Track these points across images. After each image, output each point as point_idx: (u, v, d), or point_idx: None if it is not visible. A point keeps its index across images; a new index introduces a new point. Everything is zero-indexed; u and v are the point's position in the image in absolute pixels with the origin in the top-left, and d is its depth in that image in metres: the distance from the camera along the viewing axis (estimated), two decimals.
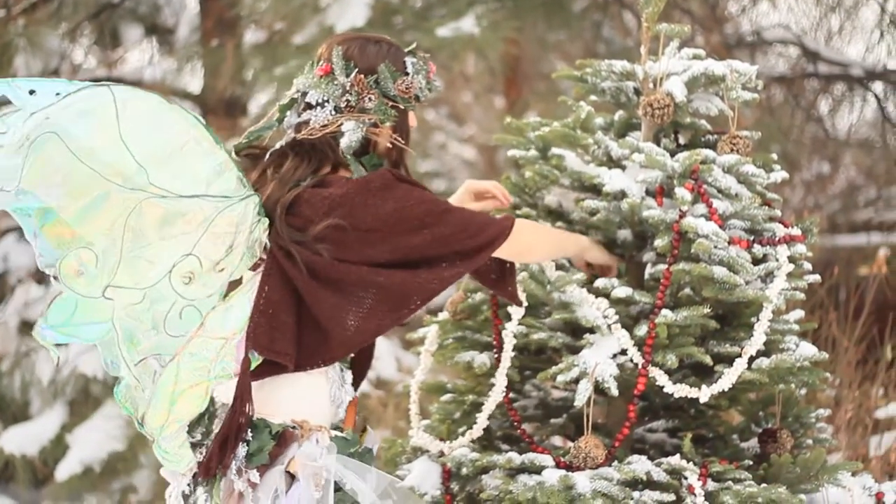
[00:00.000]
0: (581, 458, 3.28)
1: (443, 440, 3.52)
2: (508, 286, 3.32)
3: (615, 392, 3.27)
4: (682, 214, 3.33)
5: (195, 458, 2.94)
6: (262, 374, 2.94)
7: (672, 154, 3.43)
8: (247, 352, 2.91)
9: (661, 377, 3.33)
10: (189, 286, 2.89)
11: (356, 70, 3.03)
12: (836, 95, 8.33)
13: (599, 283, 3.39)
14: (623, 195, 3.40)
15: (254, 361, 2.92)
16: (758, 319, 3.35)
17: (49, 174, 2.76)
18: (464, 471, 3.38)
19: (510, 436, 3.60)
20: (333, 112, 3.03)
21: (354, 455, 2.99)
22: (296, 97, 3.08)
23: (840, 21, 8.12)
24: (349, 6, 6.53)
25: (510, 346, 3.42)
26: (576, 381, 3.31)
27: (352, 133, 3.02)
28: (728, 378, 3.32)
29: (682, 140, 3.61)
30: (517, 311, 3.41)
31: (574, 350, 3.42)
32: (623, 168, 3.46)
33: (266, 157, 3.08)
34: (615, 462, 3.31)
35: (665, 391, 3.34)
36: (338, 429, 3.03)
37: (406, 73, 3.07)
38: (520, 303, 3.36)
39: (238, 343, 2.93)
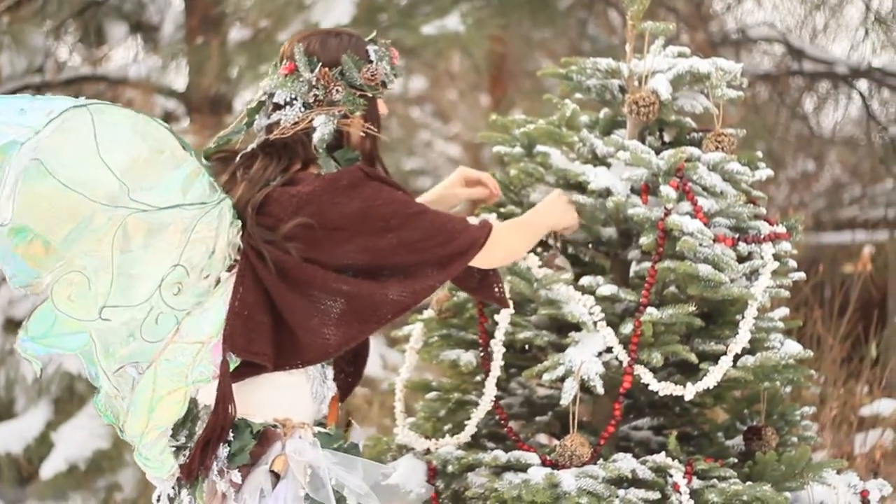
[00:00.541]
0: (566, 456, 3.27)
1: (428, 438, 3.52)
2: (494, 289, 3.28)
3: (601, 390, 3.27)
4: (667, 212, 3.33)
5: (177, 463, 2.92)
6: (242, 376, 2.92)
7: (657, 152, 3.42)
8: (224, 354, 2.89)
9: (647, 375, 3.33)
10: (178, 297, 2.88)
11: (320, 64, 3.02)
12: (821, 93, 8.36)
13: (584, 282, 3.39)
14: (608, 193, 3.40)
15: (232, 364, 2.89)
16: (743, 317, 3.35)
17: (36, 202, 2.71)
18: (449, 468, 3.37)
19: (496, 434, 3.59)
20: (303, 108, 3.01)
21: (339, 450, 2.97)
22: (263, 99, 3.06)
23: (825, 19, 8.14)
24: (334, 4, 6.51)
25: (499, 356, 3.40)
26: (561, 380, 3.31)
27: (323, 126, 3.00)
28: (713, 376, 3.32)
29: (668, 138, 3.61)
30: (505, 316, 3.40)
31: (559, 348, 3.42)
32: (608, 166, 3.46)
33: (236, 160, 3.06)
34: (600, 460, 3.30)
35: (650, 389, 3.34)
36: (321, 425, 3.02)
37: (370, 61, 3.05)
38: (507, 305, 3.33)
39: (214, 346, 2.90)
